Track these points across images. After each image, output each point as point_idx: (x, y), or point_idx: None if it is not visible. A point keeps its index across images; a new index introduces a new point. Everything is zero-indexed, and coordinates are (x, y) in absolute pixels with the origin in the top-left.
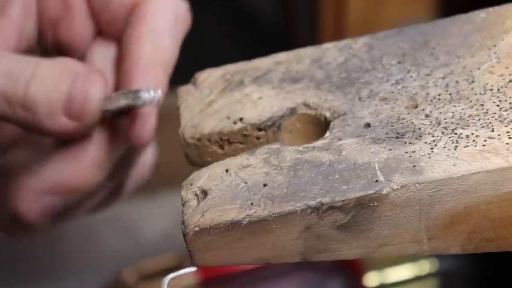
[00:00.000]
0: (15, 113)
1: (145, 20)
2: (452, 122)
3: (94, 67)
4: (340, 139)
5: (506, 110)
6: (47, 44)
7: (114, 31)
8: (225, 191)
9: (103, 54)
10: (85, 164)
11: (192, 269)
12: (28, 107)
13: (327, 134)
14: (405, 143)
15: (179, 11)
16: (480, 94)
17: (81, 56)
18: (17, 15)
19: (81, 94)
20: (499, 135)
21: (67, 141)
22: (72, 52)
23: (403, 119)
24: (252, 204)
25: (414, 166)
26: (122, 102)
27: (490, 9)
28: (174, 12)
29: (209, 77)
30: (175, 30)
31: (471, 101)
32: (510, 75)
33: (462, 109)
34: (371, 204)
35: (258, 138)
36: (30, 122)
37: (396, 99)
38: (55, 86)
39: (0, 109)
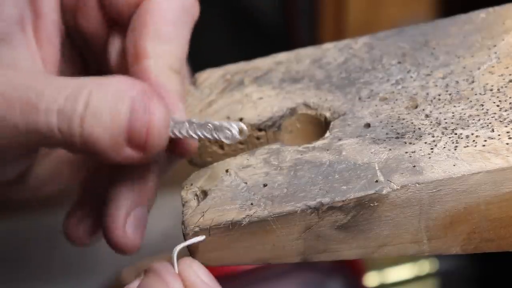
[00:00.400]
0: (74, 146)
1: (150, 17)
2: (452, 122)
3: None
4: (340, 139)
5: (506, 110)
6: (73, 35)
7: (125, 21)
8: (225, 191)
9: (117, 47)
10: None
11: (201, 238)
12: (87, 143)
13: (327, 134)
14: (405, 143)
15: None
16: (480, 94)
17: (102, 44)
18: (49, 11)
19: (143, 126)
20: (499, 135)
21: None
22: (93, 41)
23: (403, 119)
24: (252, 204)
25: (414, 166)
26: (200, 133)
27: (490, 9)
28: (180, 4)
29: (209, 77)
30: (182, 23)
31: (471, 101)
32: (510, 75)
33: (462, 109)
34: (371, 204)
35: (258, 138)
36: (91, 153)
37: (396, 99)
38: (114, 120)
39: (58, 142)
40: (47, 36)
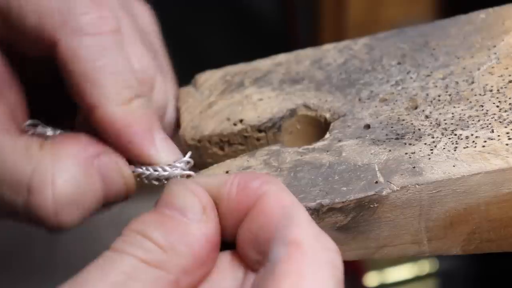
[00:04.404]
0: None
1: (73, 64)
2: (452, 123)
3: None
4: (340, 141)
5: (505, 111)
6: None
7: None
8: None
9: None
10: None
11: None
12: (61, 226)
13: (327, 135)
14: (405, 144)
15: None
16: (480, 95)
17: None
18: None
19: (120, 190)
20: (498, 136)
21: None
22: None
23: (403, 120)
24: None
25: (414, 167)
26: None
27: (490, 10)
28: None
29: (209, 78)
30: (103, 47)
31: (470, 102)
32: (509, 75)
33: (462, 110)
34: (371, 206)
35: (258, 139)
36: None
37: (396, 100)
38: (91, 200)
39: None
40: (1, 81)
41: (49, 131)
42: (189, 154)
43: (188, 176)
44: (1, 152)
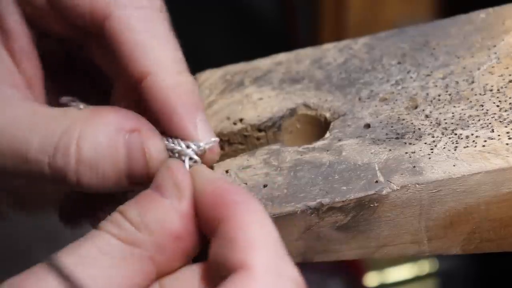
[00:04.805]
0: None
1: (126, 35)
2: (452, 123)
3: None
4: (340, 140)
5: (506, 111)
6: (42, 39)
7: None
8: None
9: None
10: None
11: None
12: (86, 189)
13: (327, 134)
14: (405, 143)
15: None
16: (480, 94)
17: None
18: (16, 24)
19: (143, 166)
20: (499, 135)
21: None
22: (67, 44)
23: (403, 119)
24: None
25: (414, 166)
26: (176, 153)
27: (490, 10)
28: (145, 8)
29: (209, 77)
30: (156, 24)
31: (471, 101)
32: (510, 75)
33: (462, 109)
34: (371, 205)
35: (258, 138)
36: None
37: (396, 100)
38: (113, 169)
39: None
40: (23, 51)
41: (81, 106)
42: (210, 140)
43: (195, 161)
44: (36, 115)
